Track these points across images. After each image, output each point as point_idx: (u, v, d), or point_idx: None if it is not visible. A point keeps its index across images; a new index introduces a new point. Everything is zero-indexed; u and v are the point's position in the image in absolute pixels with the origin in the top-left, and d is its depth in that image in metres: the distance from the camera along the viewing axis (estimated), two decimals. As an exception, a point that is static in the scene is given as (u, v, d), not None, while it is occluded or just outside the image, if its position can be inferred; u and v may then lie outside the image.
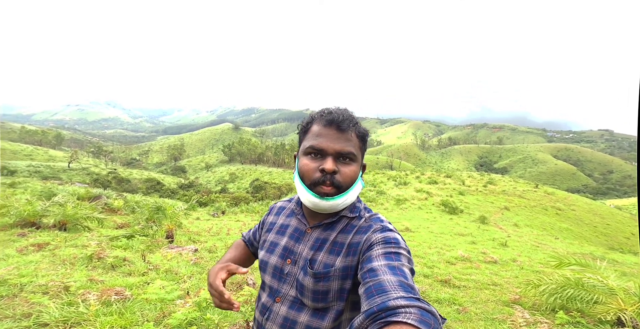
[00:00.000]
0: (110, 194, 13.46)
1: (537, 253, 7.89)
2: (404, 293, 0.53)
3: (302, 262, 0.77)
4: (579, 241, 16.78)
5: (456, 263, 5.83)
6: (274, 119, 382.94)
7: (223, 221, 11.33)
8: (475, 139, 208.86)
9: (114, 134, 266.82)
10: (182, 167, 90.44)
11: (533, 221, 20.60)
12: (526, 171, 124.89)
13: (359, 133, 0.78)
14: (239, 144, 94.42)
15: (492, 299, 3.69)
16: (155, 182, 55.07)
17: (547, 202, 28.70)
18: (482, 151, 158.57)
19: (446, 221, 14.58)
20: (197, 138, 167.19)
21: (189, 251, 5.07)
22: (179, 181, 64.51)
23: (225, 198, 26.18)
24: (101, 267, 3.51)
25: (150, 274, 3.43)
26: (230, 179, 62.13)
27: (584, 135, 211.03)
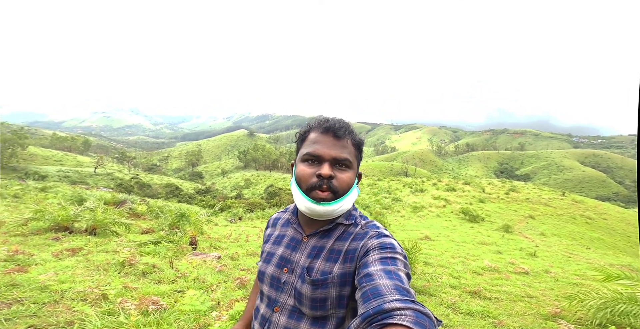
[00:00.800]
0: (135, 199, 13.93)
1: (571, 264, 7.46)
2: (400, 296, 0.54)
3: (300, 270, 0.78)
4: (613, 251, 15.75)
5: (483, 273, 5.58)
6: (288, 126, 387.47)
7: (241, 227, 11.44)
8: (494, 144, 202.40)
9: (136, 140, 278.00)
10: (200, 173, 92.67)
11: (561, 230, 19.57)
12: (551, 178, 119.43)
13: (355, 141, 0.80)
14: (253, 150, 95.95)
15: (528, 312, 3.48)
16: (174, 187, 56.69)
17: (575, 210, 27.25)
18: (503, 157, 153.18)
19: (467, 229, 14.09)
20: (214, 144, 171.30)
21: (213, 258, 5.13)
22: (196, 186, 66.04)
23: (241, 204, 26.54)
24: (133, 274, 3.60)
25: (179, 282, 3.48)
26: (245, 185, 63.00)
27: (613, 140, 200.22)
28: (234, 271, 4.43)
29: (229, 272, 4.30)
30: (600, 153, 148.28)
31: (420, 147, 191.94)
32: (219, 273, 4.19)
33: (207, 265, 4.59)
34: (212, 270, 4.28)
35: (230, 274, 4.16)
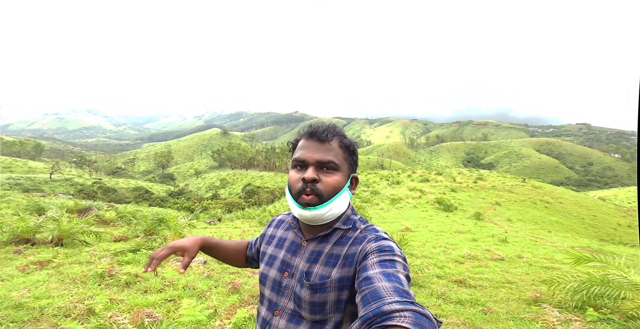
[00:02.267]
0: (101, 206, 13.03)
1: (538, 248, 8.07)
2: (399, 298, 0.54)
3: (299, 274, 0.79)
4: (571, 233, 17.30)
5: (464, 261, 5.88)
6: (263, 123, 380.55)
7: (221, 229, 11.13)
8: (461, 136, 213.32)
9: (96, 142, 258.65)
10: (171, 175, 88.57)
11: (524, 215, 21.13)
12: (511, 165, 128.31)
13: (343, 144, 0.80)
14: (228, 149, 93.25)
15: (511, 297, 3.72)
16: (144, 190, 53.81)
17: (535, 196, 29.51)
18: (469, 147, 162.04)
19: (443, 218, 14.77)
20: (185, 144, 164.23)
21: (199, 263, 4.94)
22: (168, 188, 63.16)
23: (219, 204, 25.81)
24: (115, 285, 3.37)
25: (167, 291, 3.31)
26: (222, 184, 61.23)
27: (563, 129, 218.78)
28: (223, 275, 4.30)
29: (218, 276, 4.17)
30: (553, 141, 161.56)
31: (394, 140, 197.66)
32: (208, 278, 4.04)
33: (194, 271, 4.41)
34: (200, 276, 4.12)
35: (220, 279, 4.03)
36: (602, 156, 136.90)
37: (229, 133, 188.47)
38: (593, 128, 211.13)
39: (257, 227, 12.51)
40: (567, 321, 2.75)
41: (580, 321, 2.70)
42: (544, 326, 2.71)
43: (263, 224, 13.07)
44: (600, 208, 30.68)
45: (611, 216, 28.60)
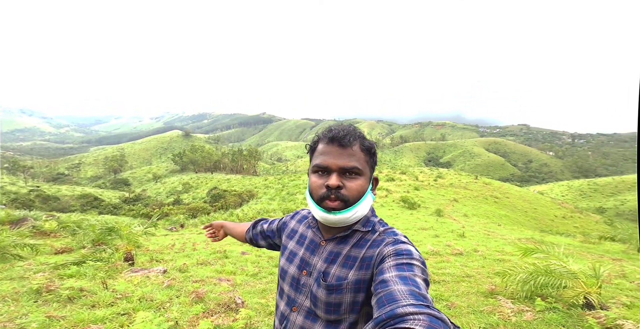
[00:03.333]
0: (39, 216, 11.61)
1: (491, 241, 8.74)
2: (415, 301, 0.54)
3: (316, 274, 0.81)
4: (517, 226, 19.07)
5: (428, 257, 6.16)
6: (229, 125, 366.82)
7: (185, 236, 10.47)
8: (422, 136, 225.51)
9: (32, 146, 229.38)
10: (125, 180, 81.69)
11: (478, 210, 22.88)
12: (466, 164, 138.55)
13: (364, 147, 0.81)
14: (191, 151, 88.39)
15: (471, 291, 3.95)
16: (92, 198, 49.00)
17: (486, 192, 32.14)
18: (429, 147, 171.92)
19: (407, 216, 15.43)
20: (141, 147, 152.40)
21: (157, 272, 4.57)
22: (121, 195, 58.15)
23: (181, 210, 24.30)
24: (55, 301, 2.97)
25: (120, 304, 2.99)
26: (184, 189, 57.81)
27: (507, 130, 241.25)
28: (186, 284, 4.03)
29: (180, 286, 3.89)
30: (499, 141, 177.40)
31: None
32: (169, 288, 3.75)
33: (152, 281, 4.07)
34: (158, 286, 3.81)
35: (182, 289, 3.76)
36: (539, 154, 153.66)
37: (191, 135, 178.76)
38: (531, 128, 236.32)
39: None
40: (520, 311, 2.98)
41: (531, 311, 2.95)
42: (501, 317, 2.92)
43: (229, 229, 12.56)
44: (540, 201, 34.32)
45: (549, 208, 32.15)
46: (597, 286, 3.03)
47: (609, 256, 6.86)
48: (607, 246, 8.73)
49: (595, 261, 6.01)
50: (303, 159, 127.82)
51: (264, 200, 27.59)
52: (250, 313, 2.78)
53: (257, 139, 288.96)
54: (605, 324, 2.59)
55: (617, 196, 69.15)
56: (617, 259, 6.46)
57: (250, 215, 16.73)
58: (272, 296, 3.74)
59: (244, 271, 5.02)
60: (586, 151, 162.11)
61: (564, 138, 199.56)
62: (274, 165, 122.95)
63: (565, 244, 8.64)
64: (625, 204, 60.76)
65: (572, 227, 25.30)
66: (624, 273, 4.97)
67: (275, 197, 27.85)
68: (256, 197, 31.44)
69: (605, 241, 9.42)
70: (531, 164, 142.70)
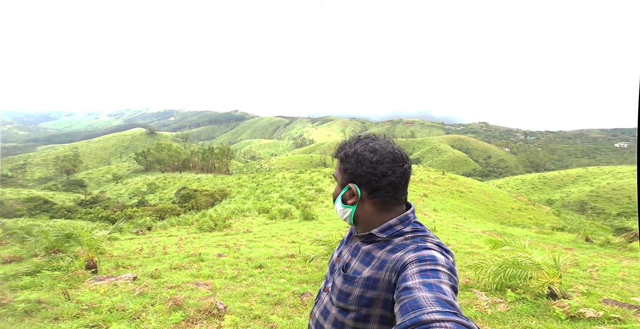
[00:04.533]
0: (-21, 223, 10.33)
1: (459, 235, 9.24)
2: (441, 308, 0.52)
3: (342, 263, 0.90)
4: (480, 219, 20.36)
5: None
6: (198, 122, 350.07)
7: (153, 239, 9.87)
8: (394, 133, 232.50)
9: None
10: (80, 181, 75.09)
11: (445, 205, 24.11)
12: (433, 160, 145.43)
13: (338, 157, 0.92)
14: (156, 150, 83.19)
15: None
16: (41, 201, 44.59)
17: (452, 186, 33.97)
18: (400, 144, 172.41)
19: (381, 211, 15.81)
20: (98, 146, 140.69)
21: (126, 280, 4.24)
22: (76, 197, 53.52)
23: (147, 212, 22.81)
24: (10, 315, 2.64)
25: (87, 316, 2.72)
26: (150, 189, 54.39)
27: (469, 127, 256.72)
28: (160, 290, 3.77)
29: (154, 293, 3.63)
30: (463, 137, 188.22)
31: (335, 138, 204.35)
32: (141, 296, 3.49)
33: (121, 289, 3.77)
34: (129, 294, 3.54)
35: (156, 296, 3.52)
36: (497, 150, 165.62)
37: (156, 133, 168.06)
38: (490, 126, 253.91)
39: (196, 233, 11.45)
40: (494, 303, 3.16)
41: (503, 303, 3.14)
42: (478, 310, 3.07)
43: (203, 230, 12.03)
44: (498, 195, 36.99)
45: (506, 201, 34.75)
46: (558, 276, 3.30)
47: (562, 246, 7.55)
48: (559, 236, 9.62)
49: (552, 251, 6.58)
50: (277, 157, 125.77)
51: (237, 199, 26.83)
52: (236, 318, 2.67)
53: (228, 137, 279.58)
54: (569, 313, 2.82)
55: (562, 188, 76.58)
56: (568, 248, 7.13)
57: (224, 215, 16.17)
58: (254, 299, 3.62)
59: (222, 274, 4.83)
60: (537, 147, 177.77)
61: (517, 135, 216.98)
62: (247, 163, 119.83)
63: (524, 235, 9.38)
64: (570, 196, 67.55)
65: (527, 219, 27.59)
66: (577, 262, 5.49)
67: (249, 196, 27.21)
68: (229, 196, 30.47)
69: (557, 232, 10.36)
70: (490, 160, 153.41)
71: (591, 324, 2.72)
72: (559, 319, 2.80)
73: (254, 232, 10.58)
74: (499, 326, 2.81)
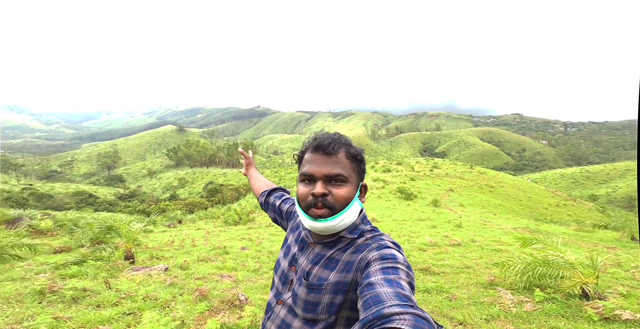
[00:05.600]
0: (34, 215, 11.50)
1: (487, 231, 8.84)
2: (400, 302, 0.56)
3: (300, 273, 0.84)
4: (512, 215, 19.34)
5: (427, 249, 6.21)
6: (223, 119, 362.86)
7: (183, 232, 10.47)
8: (417, 126, 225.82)
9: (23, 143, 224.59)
10: (119, 176, 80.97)
11: (473, 200, 23.16)
12: (461, 153, 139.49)
13: (349, 154, 0.82)
14: (185, 146, 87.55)
15: (470, 282, 4.00)
16: (87, 195, 48.61)
17: (481, 181, 32.49)
18: (424, 137, 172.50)
19: (405, 207, 15.56)
20: (135, 143, 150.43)
21: (159, 270, 4.56)
22: (117, 191, 57.74)
23: (178, 205, 24.21)
24: (60, 301, 2.96)
25: (125, 304, 2.99)
26: (180, 184, 57.54)
27: (501, 119, 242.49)
28: (188, 281, 4.03)
29: (183, 284, 3.89)
30: (493, 130, 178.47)
31: (357, 132, 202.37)
32: (171, 286, 3.75)
33: (154, 279, 4.07)
34: (161, 284, 3.81)
35: (184, 286, 3.77)
36: (533, 143, 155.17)
37: (185, 130, 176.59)
38: (525, 118, 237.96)
39: (222, 226, 11.98)
40: (519, 302, 3.03)
41: (530, 302, 3.00)
42: (502, 308, 2.96)
43: (228, 224, 12.56)
44: (534, 190, 34.83)
45: (542, 196, 32.64)
46: (594, 276, 3.09)
47: (604, 245, 7.00)
48: (601, 234, 8.91)
49: (591, 249, 6.12)
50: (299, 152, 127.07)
51: (261, 194, 27.53)
52: (255, 310, 2.80)
53: (252, 133, 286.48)
54: (603, 315, 2.64)
55: (609, 183, 70.45)
56: (611, 248, 6.60)
57: (248, 209, 16.74)
58: (275, 291, 3.76)
59: (244, 267, 5.04)
60: (578, 139, 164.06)
61: (556, 127, 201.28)
62: (270, 158, 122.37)
63: (560, 233, 8.79)
64: (617, 191, 61.99)
65: (566, 216, 25.79)
66: (619, 262, 5.08)
67: (272, 191, 27.81)
68: (253, 191, 31.39)
69: (599, 229, 9.60)
70: (525, 153, 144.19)
71: (627, 326, 2.54)
72: (591, 321, 2.64)
73: (275, 226, 10.87)
74: (523, 325, 2.70)
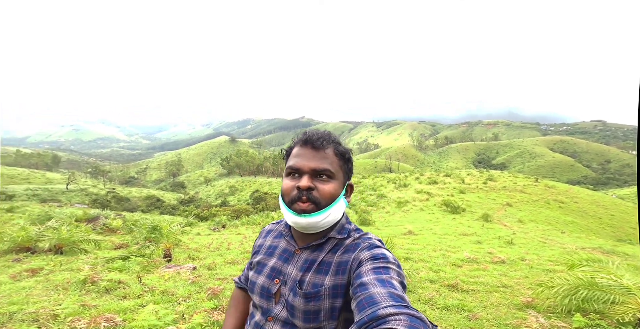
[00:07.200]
0: (109, 214, 13.32)
1: (546, 250, 7.75)
2: (394, 302, 0.55)
3: (291, 283, 0.78)
4: (586, 233, 16.60)
5: (462, 265, 5.68)
6: (270, 129, 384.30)
7: (224, 235, 11.15)
8: (471, 136, 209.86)
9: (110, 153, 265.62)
10: (181, 183, 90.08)
11: (537, 216, 20.45)
12: (525, 165, 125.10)
13: (338, 151, 0.80)
14: (236, 156, 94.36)
15: (503, 302, 3.54)
16: (155, 199, 54.75)
17: (548, 195, 28.58)
18: (479, 148, 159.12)
19: (449, 221, 14.42)
20: (195, 153, 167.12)
21: (187, 269, 4.93)
22: (178, 196, 64.13)
23: (226, 211, 25.93)
24: (95, 291, 3.39)
25: (145, 297, 3.29)
26: (230, 191, 61.81)
27: (577, 127, 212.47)
28: (209, 281, 4.27)
29: (203, 282, 4.13)
30: (567, 139, 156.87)
31: (402, 142, 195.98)
32: (192, 284, 4.01)
33: (181, 277, 4.40)
34: (184, 282, 4.09)
35: (204, 285, 4.00)
36: (620, 153, 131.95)
37: (237, 140, 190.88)
38: (609, 125, 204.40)
39: (259, 232, 12.49)
40: (551, 327, 2.57)
41: (565, 327, 2.53)
42: None
43: (265, 230, 13.03)
44: (619, 207, 29.42)
45: (630, 215, 27.34)
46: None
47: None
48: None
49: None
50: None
51: (302, 202, 28.07)
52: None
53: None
54: None
55: None
56: None
57: (287, 217, 17.17)
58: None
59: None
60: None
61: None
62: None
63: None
64: None
65: (662, 239, 21.15)
66: None
67: (313, 200, 28.17)
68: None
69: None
70: (609, 165, 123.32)
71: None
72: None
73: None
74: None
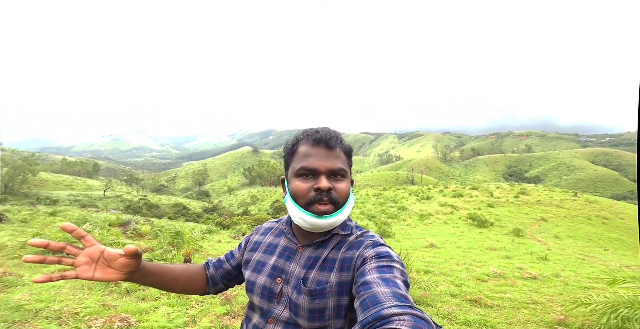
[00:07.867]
0: (139, 220, 14.04)
1: (584, 267, 7.11)
2: (398, 302, 0.54)
3: (295, 281, 0.76)
4: (632, 251, 15.05)
5: (488, 280, 5.33)
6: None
7: (242, 243, 11.32)
8: (500, 148, 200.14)
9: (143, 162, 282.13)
10: (206, 192, 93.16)
11: (576, 232, 18.87)
12: (562, 178, 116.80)
13: (345, 149, 0.80)
14: (258, 166, 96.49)
15: (531, 319, 3.27)
16: (182, 206, 56.94)
17: (589, 211, 26.37)
18: (510, 160, 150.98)
19: (475, 235, 13.68)
20: (219, 162, 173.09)
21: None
22: (203, 205, 66.25)
23: (247, 220, 26.39)
24: (117, 292, 3.54)
25: (162, 299, 3.39)
26: (252, 201, 62.98)
27: (622, 138, 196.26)
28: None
29: (219, 288, 4.19)
30: (610, 151, 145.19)
31: (425, 154, 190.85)
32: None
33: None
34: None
35: (219, 290, 4.04)
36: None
37: (259, 151, 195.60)
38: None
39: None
40: None
41: None
42: None
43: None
44: (674, 225, 26.37)
45: (688, 234, 24.42)
46: None
47: None
48: None
49: None
50: (362, 174, 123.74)
51: (322, 213, 27.97)
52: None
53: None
54: None
55: None
56: None
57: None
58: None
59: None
60: None
61: None
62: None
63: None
64: None
65: None
66: None
67: (333, 211, 28.02)
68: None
69: None
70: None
71: None
72: None
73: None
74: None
